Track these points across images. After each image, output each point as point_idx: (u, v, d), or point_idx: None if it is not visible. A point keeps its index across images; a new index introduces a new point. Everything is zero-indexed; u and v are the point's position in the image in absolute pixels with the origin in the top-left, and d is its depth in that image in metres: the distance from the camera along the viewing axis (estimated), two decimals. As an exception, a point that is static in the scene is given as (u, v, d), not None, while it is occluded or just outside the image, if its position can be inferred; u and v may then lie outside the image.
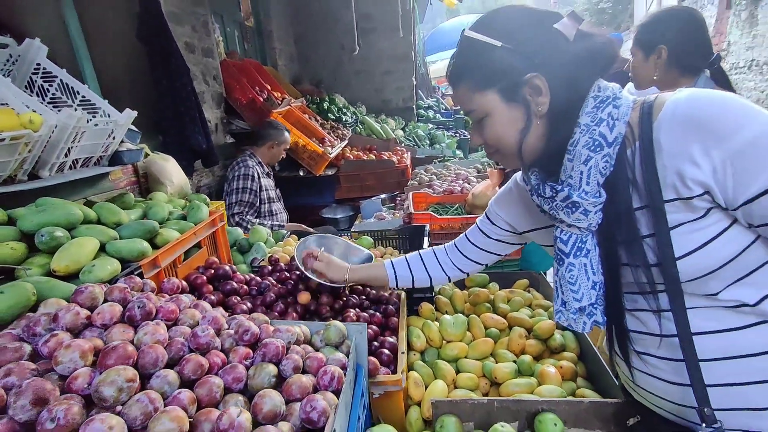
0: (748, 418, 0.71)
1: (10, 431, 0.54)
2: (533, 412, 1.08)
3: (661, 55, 1.53)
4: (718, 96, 0.62)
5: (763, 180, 0.59)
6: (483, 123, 0.76)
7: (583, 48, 0.68)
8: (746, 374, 0.69)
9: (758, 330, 0.68)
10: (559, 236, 0.77)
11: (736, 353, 0.69)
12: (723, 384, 0.71)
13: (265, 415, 0.69)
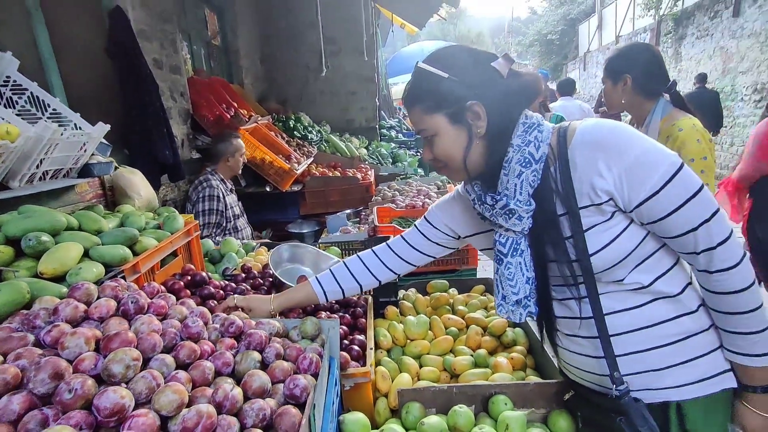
0: (649, 379, 0.88)
1: (29, 402, 0.61)
2: (487, 395, 1.21)
3: (627, 82, 1.78)
4: (613, 124, 0.81)
5: (647, 188, 0.77)
6: (433, 141, 0.90)
7: (514, 83, 0.85)
8: (645, 343, 0.87)
9: (652, 306, 0.86)
10: (498, 239, 0.93)
11: (638, 326, 0.87)
12: (629, 353, 0.88)
13: (254, 391, 0.79)
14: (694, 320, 0.87)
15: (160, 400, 0.67)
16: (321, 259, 1.72)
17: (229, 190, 2.86)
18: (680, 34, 8.93)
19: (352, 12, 5.30)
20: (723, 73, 7.58)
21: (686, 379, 0.86)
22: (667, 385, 0.87)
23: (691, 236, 0.79)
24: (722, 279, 0.79)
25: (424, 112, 0.88)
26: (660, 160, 0.77)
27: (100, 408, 0.62)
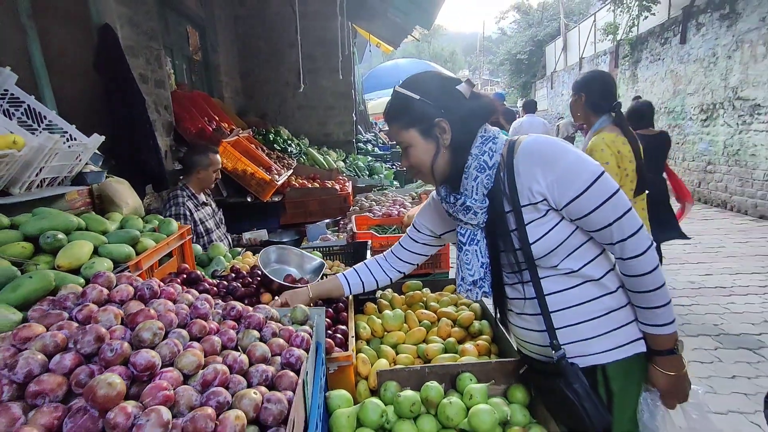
0: (580, 347, 1.08)
1: (78, 360, 0.75)
2: (455, 373, 1.39)
3: (582, 99, 2.28)
4: (549, 140, 1.02)
5: (572, 192, 0.97)
6: (408, 151, 1.10)
7: (475, 104, 1.05)
8: (577, 317, 1.07)
9: (582, 287, 1.06)
10: (459, 231, 1.12)
11: (571, 304, 1.07)
12: (564, 326, 1.07)
13: (257, 358, 0.94)
14: (614, 299, 1.07)
15: (182, 361, 0.82)
16: (305, 260, 1.87)
17: (201, 203, 2.76)
18: (636, 58, 9.62)
19: (330, 32, 5.54)
20: (674, 94, 8.22)
21: (608, 346, 1.06)
22: (594, 351, 1.07)
23: (608, 230, 0.99)
24: (633, 264, 1.00)
25: (400, 127, 1.07)
26: (583, 169, 0.97)
27: (137, 364, 0.76)
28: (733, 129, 6.65)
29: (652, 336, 1.05)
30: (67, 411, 0.68)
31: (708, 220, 6.38)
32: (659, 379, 1.06)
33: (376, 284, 1.53)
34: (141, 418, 0.66)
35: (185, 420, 0.70)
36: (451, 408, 1.21)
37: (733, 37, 6.51)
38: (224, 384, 0.81)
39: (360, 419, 1.21)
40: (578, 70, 13.28)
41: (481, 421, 1.15)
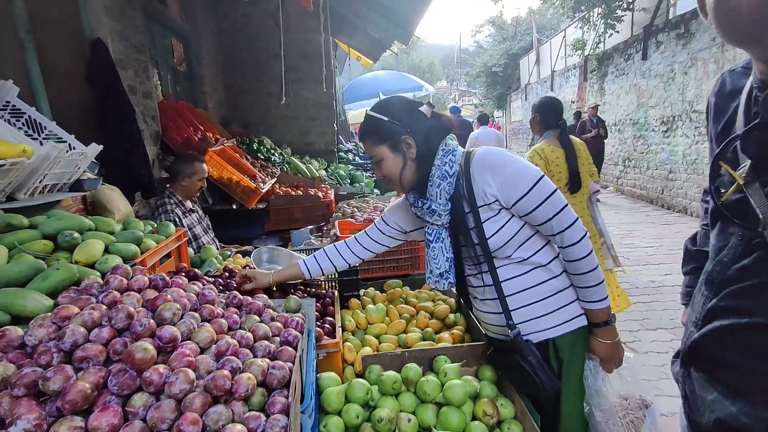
0: (534, 324, 1.27)
1: (112, 333, 0.89)
2: (432, 357, 1.56)
3: (537, 118, 2.85)
4: (497, 151, 1.21)
5: (519, 192, 1.16)
6: (380, 164, 1.28)
7: (435, 122, 1.25)
8: (529, 299, 1.26)
9: (532, 273, 1.26)
10: (427, 231, 1.31)
11: (523, 288, 1.26)
12: (518, 307, 1.26)
13: (260, 336, 1.09)
14: (559, 281, 1.27)
15: (198, 336, 0.97)
16: (294, 260, 2.01)
17: (188, 210, 2.84)
18: (603, 72, 10.17)
19: (312, 45, 5.73)
20: (638, 106, 8.73)
21: (556, 322, 1.26)
22: (545, 327, 1.26)
23: (549, 224, 1.19)
24: (571, 250, 1.20)
25: (373, 144, 1.26)
26: (525, 174, 1.18)
27: (162, 337, 0.90)
28: (691, 140, 7.13)
29: (591, 311, 1.25)
30: (108, 372, 0.82)
31: (669, 225, 6.80)
32: (599, 348, 1.26)
33: (335, 269, 1.67)
34: (172, 377, 0.81)
35: (207, 379, 0.85)
36: (428, 384, 1.38)
37: (688, 54, 7.02)
38: (235, 354, 0.96)
39: (348, 396, 1.37)
40: (550, 83, 13.86)
41: (453, 394, 1.33)
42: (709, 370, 0.83)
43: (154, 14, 4.22)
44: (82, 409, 0.74)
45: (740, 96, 0.79)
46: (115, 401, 0.78)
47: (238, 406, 0.85)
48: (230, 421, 0.80)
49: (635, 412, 1.34)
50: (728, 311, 0.77)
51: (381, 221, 1.59)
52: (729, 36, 0.68)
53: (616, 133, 9.68)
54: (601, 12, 9.53)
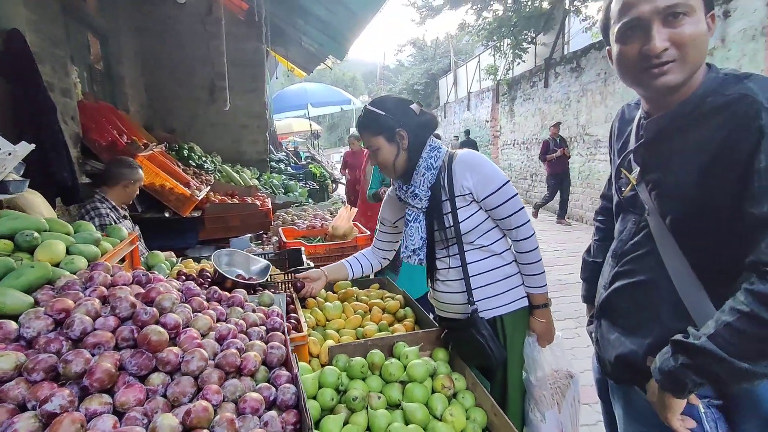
0: (487, 303, 1.50)
1: (118, 321, 0.92)
2: (391, 343, 1.72)
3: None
4: (476, 154, 1.45)
5: (489, 190, 1.40)
6: (376, 152, 1.47)
7: (423, 118, 1.46)
8: (486, 281, 1.49)
9: (490, 259, 1.50)
10: (407, 212, 1.51)
11: (482, 271, 1.49)
12: (478, 287, 1.49)
13: (251, 323, 1.16)
14: (510, 268, 1.52)
15: (197, 324, 1.03)
16: (252, 263, 2.05)
17: (122, 216, 2.74)
18: (512, 96, 11.33)
19: (243, 53, 5.67)
20: (542, 128, 9.87)
21: (505, 302, 1.50)
22: (495, 306, 1.50)
23: (508, 219, 1.44)
24: (524, 243, 1.46)
25: (371, 135, 1.45)
26: (496, 176, 1.42)
27: (167, 323, 0.95)
28: (584, 158, 8.26)
29: (533, 295, 1.51)
30: (122, 356, 0.86)
31: (571, 232, 7.78)
32: (537, 326, 1.53)
33: (371, 269, 1.94)
34: (187, 356, 0.88)
35: (219, 357, 0.92)
36: (392, 366, 1.54)
37: (580, 86, 8.18)
38: (234, 338, 1.04)
39: (321, 382, 1.47)
40: (467, 103, 15.03)
41: (416, 371, 1.50)
42: (612, 319, 1.11)
43: (70, 7, 3.90)
44: (106, 388, 0.78)
45: (633, 123, 1.09)
46: (133, 381, 0.83)
47: (247, 380, 0.93)
48: (245, 392, 0.89)
49: (562, 380, 1.62)
50: (625, 274, 1.06)
51: (380, 224, 1.83)
52: (624, 79, 0.98)
53: (525, 151, 10.81)
54: (510, 43, 10.67)
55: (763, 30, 4.61)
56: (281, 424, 0.84)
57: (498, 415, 1.35)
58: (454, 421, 1.35)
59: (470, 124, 14.67)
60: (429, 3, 12.42)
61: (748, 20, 4.79)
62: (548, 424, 1.44)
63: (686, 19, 0.85)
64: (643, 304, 1.00)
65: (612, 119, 1.24)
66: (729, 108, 0.83)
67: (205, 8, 5.56)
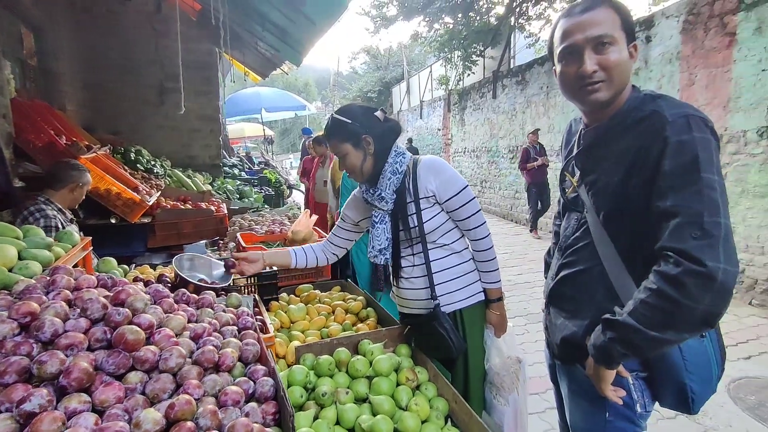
0: (448, 297, 1.59)
1: (90, 323, 0.91)
2: (356, 341, 1.77)
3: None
4: (438, 159, 1.55)
5: (450, 193, 1.50)
6: (344, 158, 1.52)
7: (388, 125, 1.54)
8: (448, 277, 1.59)
9: (450, 257, 1.60)
10: (374, 214, 1.58)
11: (444, 267, 1.59)
12: (440, 283, 1.58)
13: (224, 322, 1.18)
14: (468, 265, 1.63)
15: (171, 323, 1.03)
16: (212, 265, 2.03)
17: (68, 220, 2.61)
18: (463, 105, 11.80)
19: (195, 54, 5.51)
20: (491, 137, 10.37)
21: (464, 296, 1.61)
22: (455, 300, 1.60)
23: (467, 220, 1.55)
24: (481, 242, 1.58)
25: (339, 141, 1.51)
26: (457, 180, 1.53)
27: (141, 324, 0.95)
28: (530, 166, 8.77)
29: (489, 289, 1.63)
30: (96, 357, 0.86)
31: (518, 236, 8.22)
32: (493, 318, 1.65)
33: (317, 260, 1.91)
34: (165, 353, 0.89)
35: (197, 354, 0.94)
36: (359, 362, 1.60)
37: (525, 98, 8.71)
38: (210, 336, 1.06)
39: (289, 380, 1.49)
40: (420, 111, 15.43)
41: (382, 366, 1.57)
42: (558, 305, 1.25)
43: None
44: (84, 388, 0.78)
45: (577, 133, 1.25)
46: (110, 380, 0.83)
47: (225, 375, 0.96)
48: (224, 386, 0.91)
49: (515, 365, 1.76)
50: (568, 265, 1.20)
51: (341, 220, 1.85)
52: (565, 94, 1.13)
53: (474, 158, 11.28)
54: (460, 55, 11.13)
55: (677, 54, 5.20)
56: (261, 415, 0.88)
57: (458, 403, 1.45)
58: (418, 410, 1.43)
59: (423, 131, 15.06)
60: (383, 13, 12.67)
61: (665, 46, 5.38)
62: (510, 406, 1.57)
63: (611, 48, 1.03)
64: (583, 290, 1.15)
65: (554, 130, 1.41)
66: (644, 122, 1.01)
67: (153, 6, 5.36)
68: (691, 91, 5.02)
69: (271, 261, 1.82)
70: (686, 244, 0.87)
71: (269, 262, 1.80)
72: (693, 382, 1.05)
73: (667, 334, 0.91)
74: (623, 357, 1.00)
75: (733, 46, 4.45)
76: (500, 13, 10.55)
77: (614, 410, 1.14)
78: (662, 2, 8.81)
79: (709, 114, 5.14)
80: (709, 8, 4.71)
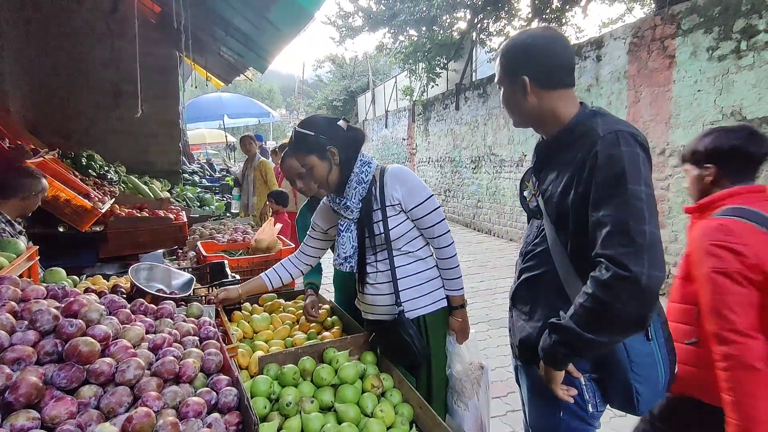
0: (412, 304, 1.62)
1: (39, 335, 0.87)
2: (321, 350, 1.77)
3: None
4: (404, 168, 1.58)
5: (416, 201, 1.54)
6: (311, 171, 1.52)
7: (351, 134, 1.55)
8: (412, 283, 1.62)
9: (415, 263, 1.62)
10: (340, 222, 1.59)
11: (408, 274, 1.61)
12: (404, 289, 1.61)
13: (184, 332, 1.15)
14: (432, 272, 1.67)
15: (128, 335, 1.00)
16: (172, 275, 1.96)
17: (17, 233, 2.35)
18: (427, 116, 12.04)
19: (154, 57, 5.33)
20: (453, 147, 10.63)
21: (427, 302, 1.65)
22: (419, 306, 1.63)
23: (431, 228, 1.59)
24: (445, 250, 1.62)
25: (304, 155, 1.50)
26: (422, 189, 1.57)
27: (96, 335, 0.91)
28: (491, 176, 9.07)
29: (452, 296, 1.68)
30: (46, 371, 0.82)
31: (480, 243, 8.44)
32: (455, 324, 1.69)
33: (291, 276, 1.91)
34: (122, 365, 0.86)
35: (156, 365, 0.92)
36: (324, 371, 1.59)
37: (486, 110, 9.02)
38: (170, 347, 1.03)
39: (252, 392, 1.46)
40: (385, 121, 15.60)
41: (347, 374, 1.57)
42: (518, 308, 1.31)
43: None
44: (33, 403, 0.75)
45: None
46: (62, 395, 0.80)
47: (186, 387, 0.94)
48: (185, 397, 0.89)
49: (476, 372, 1.81)
50: (527, 269, 1.27)
51: (311, 230, 1.85)
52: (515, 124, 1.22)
53: (438, 168, 11.51)
54: (424, 67, 11.38)
55: (624, 73, 5.58)
56: (224, 426, 0.87)
57: (423, 408, 1.47)
58: (384, 416, 1.45)
59: (388, 141, 15.21)
60: (348, 23, 12.76)
61: (614, 65, 5.77)
62: (470, 412, 1.60)
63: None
64: (539, 293, 1.21)
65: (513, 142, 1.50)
66: (583, 136, 1.10)
67: (109, 6, 5.15)
68: (637, 107, 5.40)
69: (248, 290, 1.87)
70: (614, 251, 0.95)
71: (245, 291, 1.86)
72: (638, 383, 1.12)
73: (601, 335, 0.98)
74: (567, 358, 1.06)
75: (672, 67, 4.83)
76: (462, 28, 10.91)
77: (567, 410, 1.20)
78: (611, 24, 9.45)
79: (652, 129, 5.50)
80: (652, 32, 5.10)
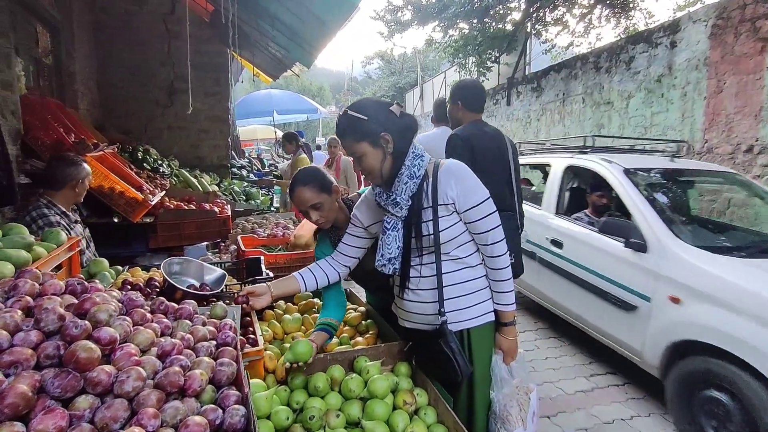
0: (457, 315, 1.47)
1: (41, 336, 0.82)
2: (352, 358, 1.66)
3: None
4: (462, 165, 1.43)
5: (470, 203, 1.38)
6: (361, 159, 1.39)
7: (405, 120, 1.40)
8: (458, 292, 1.46)
9: (463, 271, 1.47)
10: (386, 219, 1.45)
11: (455, 282, 1.46)
12: (450, 298, 1.45)
13: (199, 338, 1.07)
14: (481, 281, 1.50)
15: (137, 338, 0.93)
16: (206, 271, 1.93)
17: (73, 222, 2.50)
18: (476, 113, 11.63)
19: (206, 56, 5.49)
20: (504, 144, 10.17)
21: (473, 315, 1.48)
22: (464, 318, 1.47)
23: (485, 234, 1.43)
24: (497, 259, 1.44)
25: (354, 141, 1.37)
26: (479, 190, 1.41)
27: (101, 338, 0.85)
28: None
29: (502, 312, 1.50)
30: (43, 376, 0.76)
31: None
32: (503, 343, 1.52)
33: (327, 280, 1.70)
34: (122, 375, 0.79)
35: (160, 376, 0.84)
36: (353, 382, 1.48)
37: (540, 105, 8.53)
38: (179, 354, 0.95)
39: (275, 401, 1.38)
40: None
41: (378, 387, 1.45)
42: None
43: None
44: (21, 415, 0.68)
45: None
46: (55, 405, 0.73)
47: (191, 402, 0.85)
48: (187, 415, 0.81)
49: (524, 396, 1.62)
50: None
51: (351, 226, 1.65)
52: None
53: (487, 166, 11.09)
54: (474, 61, 10.99)
55: (705, 60, 4.99)
56: (227, 451, 0.77)
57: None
58: (415, 439, 1.31)
59: (436, 138, 14.93)
60: (397, 18, 12.60)
61: (692, 51, 5.18)
62: (516, 442, 1.43)
63: None
64: None
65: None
66: None
67: (167, 7, 5.36)
68: (719, 98, 4.82)
69: (279, 292, 1.64)
70: None
71: (277, 293, 1.63)
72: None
73: None
74: None
75: (766, 51, 4.24)
76: (516, 19, 10.40)
77: None
78: (688, 6, 8.57)
79: (737, 123, 4.91)
80: (740, 12, 4.51)
